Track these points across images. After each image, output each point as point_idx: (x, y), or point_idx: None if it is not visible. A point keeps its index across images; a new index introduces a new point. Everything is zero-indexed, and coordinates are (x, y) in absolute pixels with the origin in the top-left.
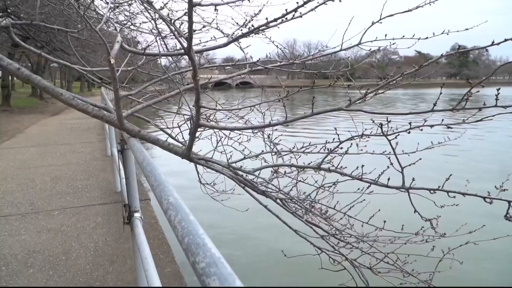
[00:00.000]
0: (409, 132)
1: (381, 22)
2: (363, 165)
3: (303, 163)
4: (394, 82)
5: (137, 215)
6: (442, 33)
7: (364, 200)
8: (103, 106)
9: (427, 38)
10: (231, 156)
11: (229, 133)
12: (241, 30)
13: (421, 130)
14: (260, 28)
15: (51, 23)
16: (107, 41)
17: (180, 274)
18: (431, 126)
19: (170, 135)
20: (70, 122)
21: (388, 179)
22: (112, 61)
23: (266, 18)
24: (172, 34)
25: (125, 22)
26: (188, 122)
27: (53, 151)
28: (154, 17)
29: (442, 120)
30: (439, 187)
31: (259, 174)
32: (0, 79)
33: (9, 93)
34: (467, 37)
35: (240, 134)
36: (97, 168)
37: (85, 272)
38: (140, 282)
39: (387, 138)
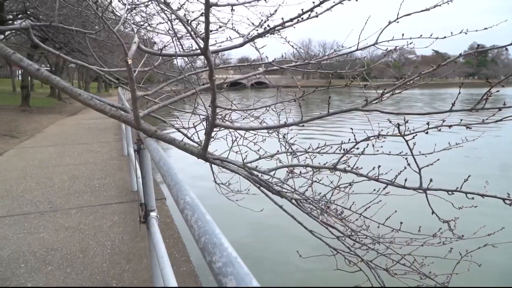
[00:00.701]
0: (427, 133)
1: (398, 22)
2: (379, 166)
3: (319, 163)
4: (411, 82)
5: (153, 214)
6: (460, 33)
7: (380, 201)
8: (120, 106)
9: (445, 37)
10: (246, 156)
11: (244, 133)
12: (257, 30)
13: (439, 130)
14: (276, 28)
15: (69, 24)
16: (124, 42)
17: (195, 273)
18: (450, 126)
19: (186, 135)
20: (88, 122)
21: (405, 180)
22: (130, 61)
23: (282, 18)
24: (188, 34)
25: (142, 23)
26: (204, 122)
27: (71, 150)
28: (170, 18)
29: (461, 120)
30: (457, 188)
31: (274, 174)
32: (19, 80)
33: (28, 94)
34: (481, 36)
35: (255, 134)
36: (114, 168)
37: (102, 270)
38: (156, 281)
39: (405, 139)
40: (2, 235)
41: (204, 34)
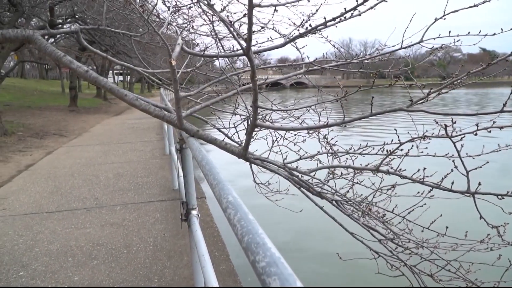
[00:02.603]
0: (475, 134)
1: (444, 19)
2: (425, 168)
3: (360, 164)
4: (458, 81)
5: (194, 212)
6: (511, 29)
7: (425, 204)
8: (164, 106)
9: (494, 34)
10: (286, 156)
11: (285, 134)
12: (298, 30)
13: (489, 132)
14: (318, 28)
15: (115, 27)
16: (167, 43)
17: (235, 272)
18: (501, 127)
19: (226, 135)
20: (131, 122)
21: (452, 183)
22: (173, 63)
23: (324, 18)
24: (229, 35)
25: (185, 25)
26: (245, 122)
27: (115, 149)
28: (211, 20)
29: None
30: (508, 192)
31: (314, 175)
32: (68, 81)
33: (76, 94)
34: None
35: (295, 135)
36: (156, 166)
37: (144, 265)
38: (196, 278)
39: (452, 140)
40: (52, 229)
41: (246, 35)
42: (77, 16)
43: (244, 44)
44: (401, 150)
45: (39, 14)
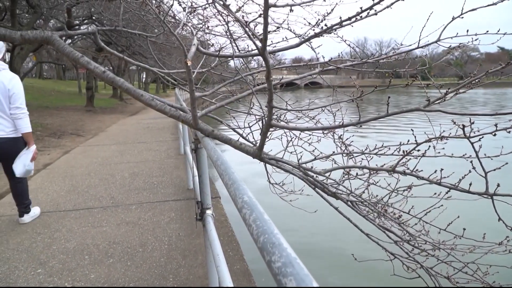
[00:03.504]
0: (494, 135)
1: (462, 17)
2: (442, 169)
3: (376, 165)
4: (477, 80)
5: (209, 212)
6: None
7: (442, 205)
8: (179, 106)
9: None
10: (301, 156)
11: (299, 134)
12: (313, 30)
13: (509, 132)
14: (333, 27)
15: (131, 28)
16: (182, 44)
17: (249, 272)
18: None
19: (241, 135)
20: (146, 122)
21: (470, 184)
22: (189, 63)
23: (340, 17)
24: (244, 36)
25: (200, 26)
26: (259, 122)
27: (131, 149)
28: (227, 20)
29: None
30: None
31: (329, 175)
32: (85, 82)
33: (93, 95)
34: None
35: (310, 135)
36: (171, 166)
37: (159, 264)
38: (211, 278)
39: (470, 141)
40: (69, 227)
41: (261, 35)
42: (94, 17)
43: (259, 44)
44: (418, 150)
45: (57, 15)
